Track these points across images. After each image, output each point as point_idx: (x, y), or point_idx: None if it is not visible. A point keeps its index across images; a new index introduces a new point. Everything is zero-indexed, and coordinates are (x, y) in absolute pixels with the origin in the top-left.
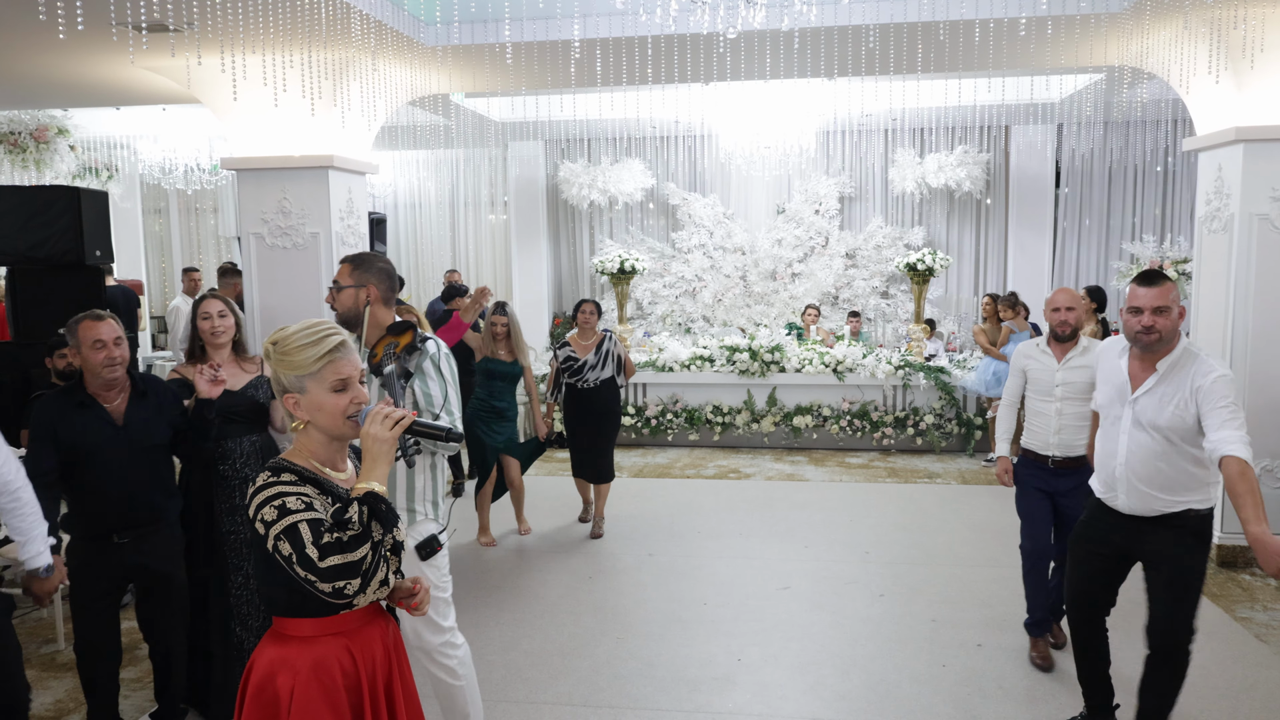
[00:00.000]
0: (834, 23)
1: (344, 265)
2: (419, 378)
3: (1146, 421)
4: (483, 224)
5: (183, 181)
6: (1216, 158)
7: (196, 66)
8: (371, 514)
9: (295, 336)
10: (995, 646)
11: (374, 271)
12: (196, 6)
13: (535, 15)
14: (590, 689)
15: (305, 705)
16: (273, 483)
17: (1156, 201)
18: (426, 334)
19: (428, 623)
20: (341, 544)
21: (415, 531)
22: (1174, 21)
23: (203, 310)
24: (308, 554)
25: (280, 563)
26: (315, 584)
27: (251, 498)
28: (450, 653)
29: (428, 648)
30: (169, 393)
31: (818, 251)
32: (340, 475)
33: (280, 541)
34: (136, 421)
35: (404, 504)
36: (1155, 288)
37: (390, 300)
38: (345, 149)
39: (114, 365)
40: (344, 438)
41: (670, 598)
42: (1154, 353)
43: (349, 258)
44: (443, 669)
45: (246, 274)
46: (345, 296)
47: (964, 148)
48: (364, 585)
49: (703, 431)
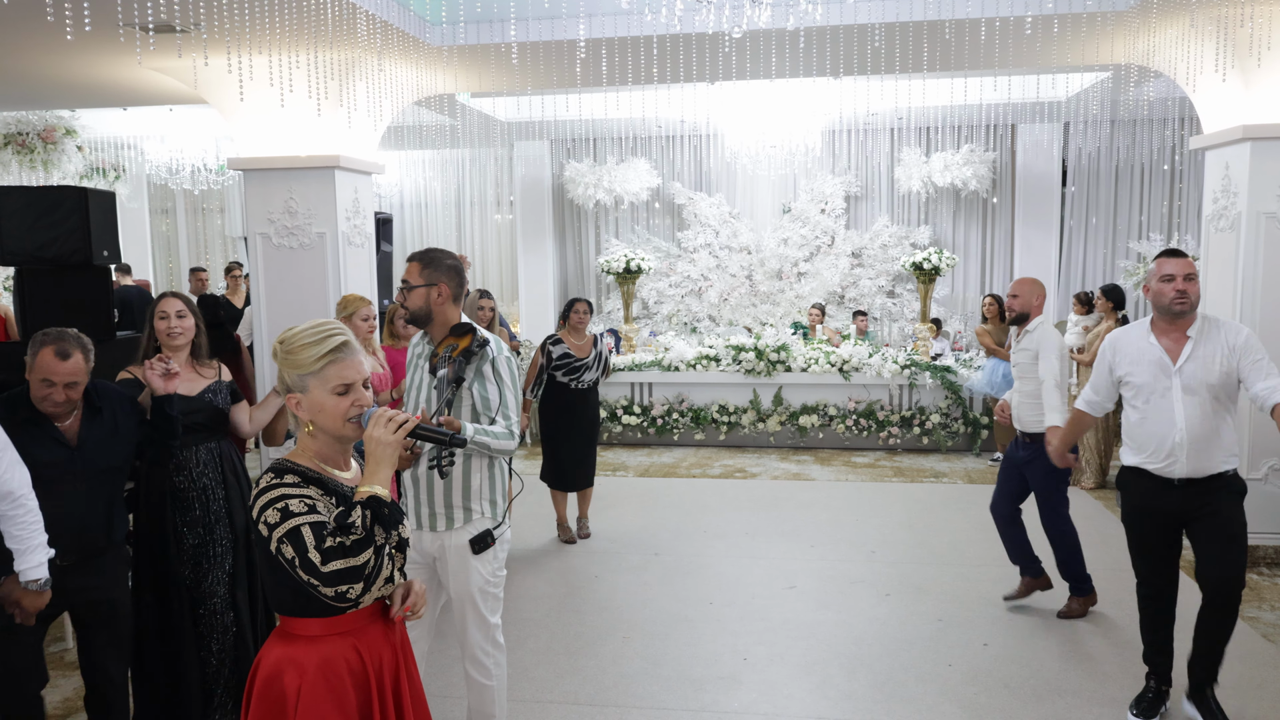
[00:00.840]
0: (839, 22)
1: (413, 264)
2: (477, 381)
3: (1197, 384)
4: (488, 224)
5: (189, 181)
6: (1223, 156)
7: (203, 67)
8: (375, 518)
9: (299, 335)
10: (1002, 646)
11: (444, 269)
12: (203, 7)
13: (541, 15)
14: (596, 688)
15: (312, 704)
16: (276, 484)
17: (1163, 200)
18: (486, 335)
19: (476, 617)
20: (344, 549)
21: (470, 529)
22: (1180, 19)
23: (160, 309)
24: (310, 558)
25: (283, 565)
26: (318, 588)
27: (255, 499)
28: (490, 650)
29: (470, 643)
30: (125, 403)
31: (823, 251)
32: (345, 475)
33: (283, 545)
34: (92, 442)
35: (460, 503)
36: (1182, 258)
37: (459, 298)
38: (351, 149)
39: (57, 405)
40: (345, 440)
41: (676, 597)
42: (1184, 319)
43: (416, 256)
44: (478, 667)
45: (253, 274)
46: (416, 296)
47: (970, 146)
48: (367, 588)
49: (708, 431)
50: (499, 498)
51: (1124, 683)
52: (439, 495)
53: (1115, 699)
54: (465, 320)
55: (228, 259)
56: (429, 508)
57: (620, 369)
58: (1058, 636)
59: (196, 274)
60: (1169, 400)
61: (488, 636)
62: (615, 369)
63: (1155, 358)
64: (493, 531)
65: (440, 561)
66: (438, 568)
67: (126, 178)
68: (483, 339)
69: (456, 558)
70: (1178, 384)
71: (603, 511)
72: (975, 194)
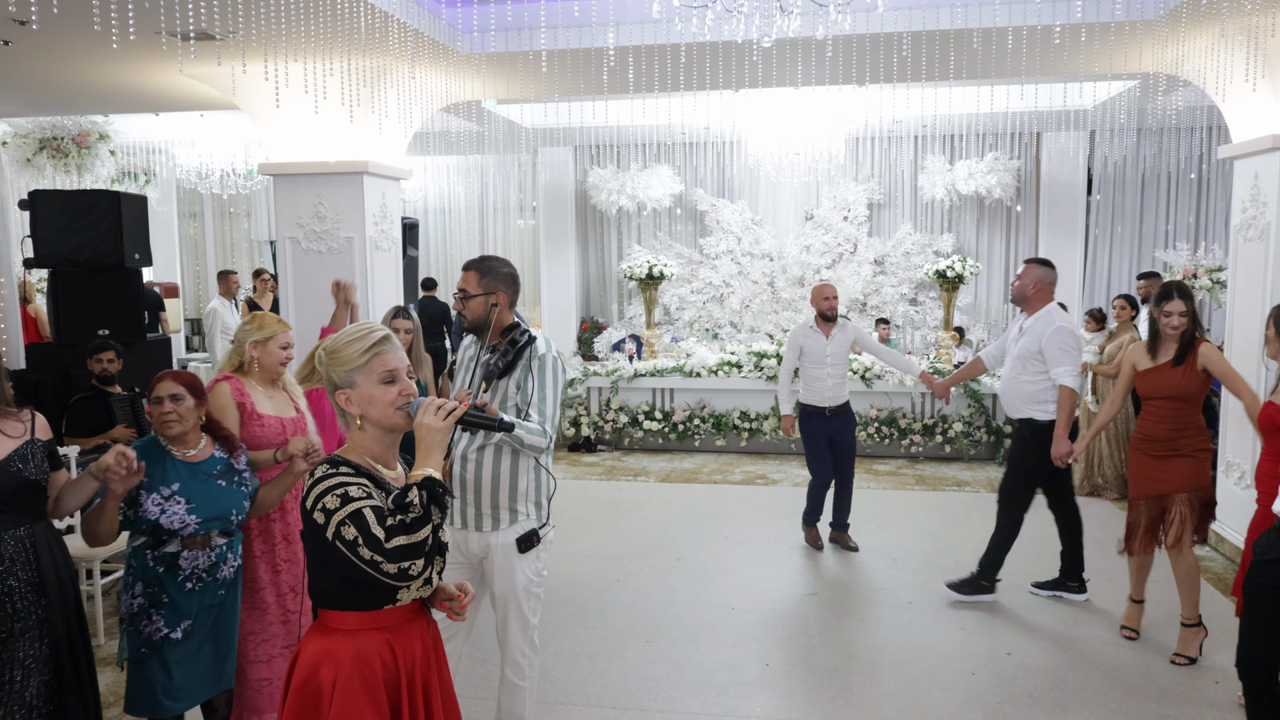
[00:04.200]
0: (867, 30)
1: (470, 273)
2: (522, 371)
3: None
4: (512, 229)
5: (218, 186)
6: (1253, 165)
7: (240, 74)
8: (430, 498)
9: (342, 337)
10: (1026, 656)
11: (501, 278)
12: (242, 16)
13: (570, 23)
14: (620, 691)
15: (347, 697)
16: (332, 474)
17: (1190, 209)
18: (534, 331)
19: (519, 617)
20: (405, 525)
21: (516, 529)
22: (1210, 29)
23: None
24: (374, 534)
25: (341, 549)
26: (380, 565)
27: (310, 489)
28: (528, 651)
29: (510, 643)
30: None
31: (846, 258)
32: (391, 474)
33: (344, 527)
34: None
35: (506, 504)
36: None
37: (514, 304)
38: (380, 155)
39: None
40: (396, 429)
41: (698, 602)
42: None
43: (472, 264)
44: (514, 667)
45: (282, 277)
46: (475, 304)
47: (994, 154)
48: (427, 564)
49: (730, 437)
50: (544, 499)
51: (1148, 694)
52: (486, 497)
53: (1140, 711)
54: (517, 322)
55: (254, 263)
56: (475, 508)
57: (642, 374)
58: (1082, 647)
59: (229, 277)
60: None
61: (527, 637)
62: (637, 374)
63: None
64: (538, 531)
65: (486, 561)
66: (485, 567)
67: (157, 182)
68: (531, 334)
69: (502, 557)
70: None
71: (625, 516)
72: (999, 202)
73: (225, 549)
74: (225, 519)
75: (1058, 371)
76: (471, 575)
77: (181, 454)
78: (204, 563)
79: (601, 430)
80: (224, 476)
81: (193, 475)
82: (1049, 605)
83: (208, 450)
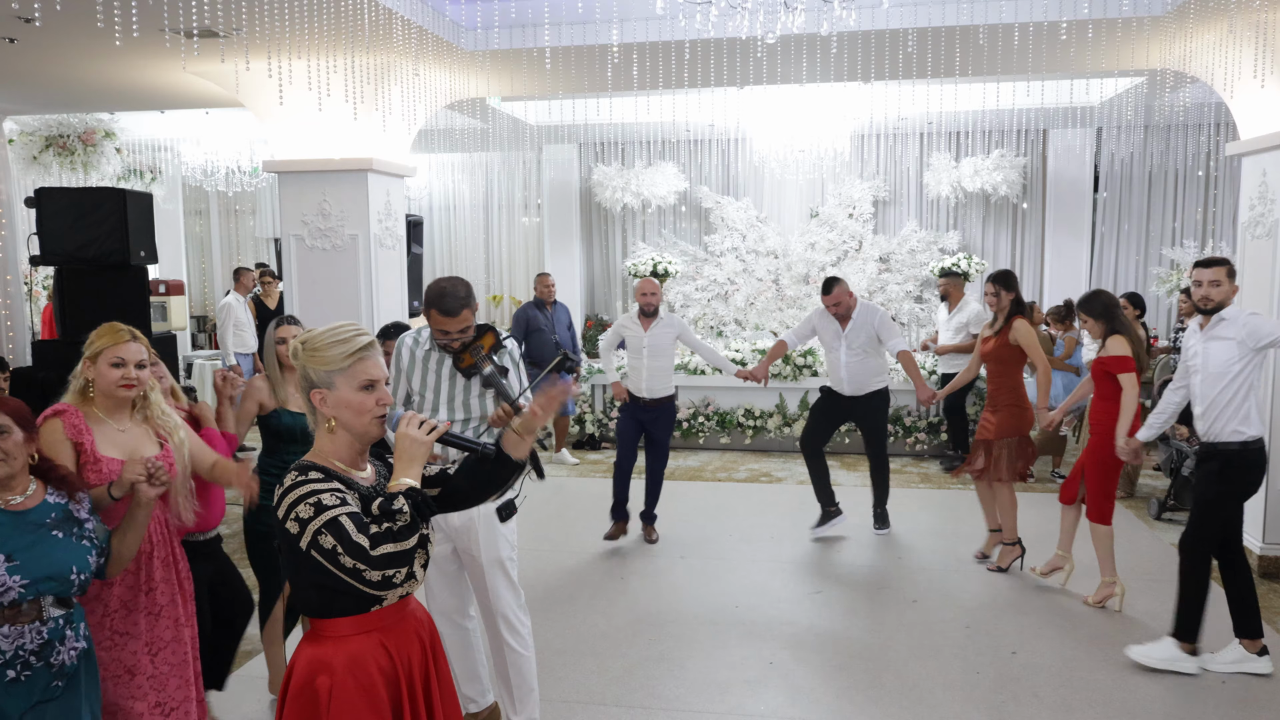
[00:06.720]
0: (872, 27)
1: (465, 311)
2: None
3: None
4: (516, 226)
5: (223, 183)
6: (1261, 163)
7: (244, 71)
8: (415, 507)
9: (325, 335)
10: (1031, 654)
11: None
12: (245, 13)
13: (574, 20)
14: (623, 689)
15: (344, 703)
16: (302, 481)
17: (1197, 206)
18: (504, 332)
19: (506, 581)
20: (392, 533)
21: (496, 499)
22: (1218, 25)
23: None
24: (356, 542)
25: (317, 559)
26: (364, 574)
27: (281, 498)
28: (524, 618)
29: (505, 610)
30: None
31: (851, 255)
32: (361, 474)
33: (321, 536)
34: None
35: None
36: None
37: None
38: (384, 152)
39: None
40: (369, 437)
41: (702, 600)
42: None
43: (464, 303)
44: (515, 636)
45: (287, 275)
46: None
47: (1000, 151)
48: (410, 575)
49: (734, 435)
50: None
51: (1153, 692)
52: None
53: (1146, 709)
54: (481, 323)
55: (258, 259)
56: None
57: None
58: (1087, 645)
59: (245, 273)
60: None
61: (518, 600)
62: None
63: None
64: (514, 501)
65: (468, 532)
66: (464, 540)
67: (162, 179)
68: (505, 335)
69: (486, 526)
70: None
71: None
72: (1005, 199)
73: (62, 624)
74: (63, 579)
75: (893, 343)
76: (449, 551)
77: (3, 501)
78: (31, 642)
79: (606, 428)
80: (60, 526)
81: (16, 526)
82: (1052, 604)
83: (38, 495)
